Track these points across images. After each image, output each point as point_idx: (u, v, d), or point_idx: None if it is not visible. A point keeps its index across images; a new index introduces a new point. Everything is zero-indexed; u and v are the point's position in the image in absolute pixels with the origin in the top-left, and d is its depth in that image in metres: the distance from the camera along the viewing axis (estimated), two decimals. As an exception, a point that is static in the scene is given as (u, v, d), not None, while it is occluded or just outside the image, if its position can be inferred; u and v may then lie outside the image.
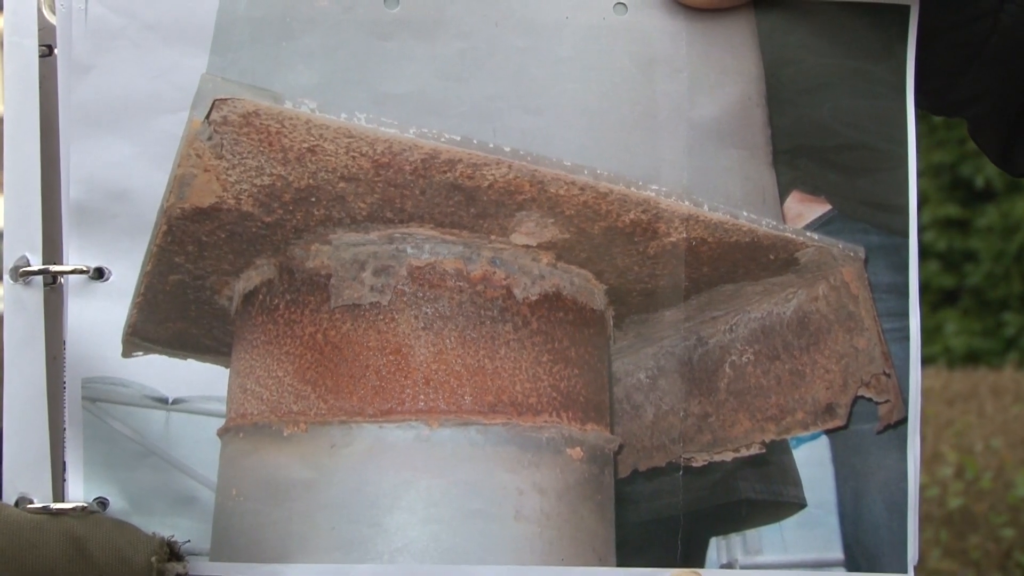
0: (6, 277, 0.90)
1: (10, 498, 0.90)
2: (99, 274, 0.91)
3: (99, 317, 0.91)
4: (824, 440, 0.96)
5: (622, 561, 0.94)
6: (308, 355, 0.92)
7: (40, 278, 0.91)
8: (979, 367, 9.93)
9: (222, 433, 0.92)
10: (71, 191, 0.90)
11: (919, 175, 0.96)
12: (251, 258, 0.92)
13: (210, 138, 0.89)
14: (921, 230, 0.98)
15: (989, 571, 4.58)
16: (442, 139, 0.90)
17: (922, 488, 0.97)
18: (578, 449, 0.93)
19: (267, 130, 0.89)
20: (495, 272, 0.92)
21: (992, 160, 1.03)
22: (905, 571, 0.95)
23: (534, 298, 0.93)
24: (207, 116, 0.89)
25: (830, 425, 0.96)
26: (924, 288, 0.98)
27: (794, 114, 0.95)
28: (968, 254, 12.01)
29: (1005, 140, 1.00)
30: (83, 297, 0.91)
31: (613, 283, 0.95)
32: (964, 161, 11.93)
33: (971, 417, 7.15)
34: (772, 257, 0.95)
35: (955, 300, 12.08)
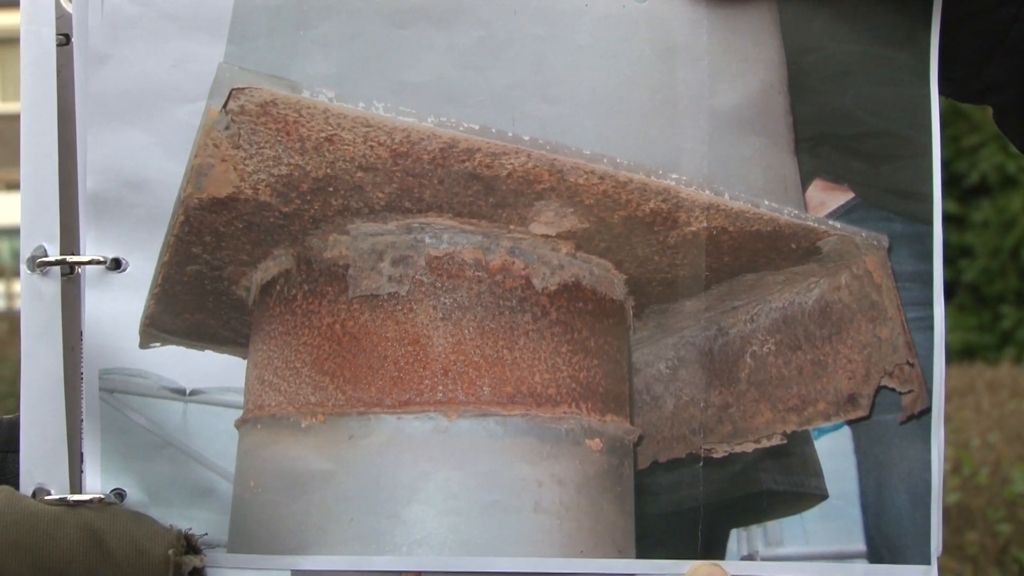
0: (23, 267, 0.90)
1: (27, 489, 0.90)
2: (116, 265, 0.90)
3: (116, 308, 0.90)
4: (846, 431, 0.95)
5: (642, 553, 0.93)
6: (326, 346, 0.91)
7: (57, 268, 0.90)
8: (975, 362, 9.94)
9: (240, 424, 0.92)
10: (88, 181, 0.90)
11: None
12: (269, 248, 0.92)
13: (227, 128, 0.88)
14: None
15: (986, 567, 4.58)
16: (460, 128, 0.90)
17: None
18: (597, 440, 0.93)
19: (285, 119, 0.88)
20: (514, 262, 0.92)
21: (1018, 147, 1.02)
22: (928, 562, 0.95)
23: (553, 288, 0.92)
24: (224, 106, 0.88)
25: (852, 416, 0.95)
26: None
27: (816, 102, 0.94)
28: (964, 249, 12.02)
29: None
30: (100, 288, 0.90)
31: (633, 273, 0.94)
32: (959, 158, 11.94)
33: (968, 412, 7.15)
34: (794, 246, 0.95)
35: (951, 295, 12.09)
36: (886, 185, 0.95)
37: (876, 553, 0.95)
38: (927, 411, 0.95)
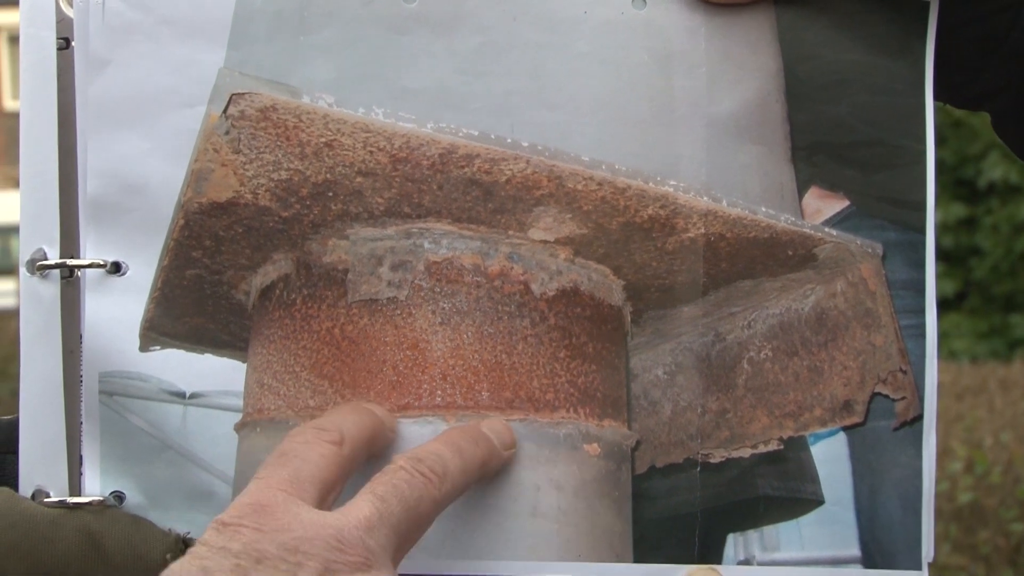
0: (23, 270, 0.90)
1: (27, 491, 0.90)
2: (116, 268, 0.91)
3: (116, 311, 0.91)
4: (842, 437, 0.96)
5: (639, 557, 0.93)
6: (325, 350, 0.91)
7: (57, 272, 0.90)
8: (988, 361, 9.91)
9: (239, 428, 0.92)
10: (88, 185, 0.90)
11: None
12: (268, 253, 0.92)
13: (227, 132, 0.89)
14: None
15: (999, 566, 4.58)
16: (460, 134, 0.90)
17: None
18: (595, 445, 0.93)
19: (284, 124, 0.89)
20: (513, 267, 0.92)
21: (1017, 154, 1.02)
22: (919, 567, 0.95)
23: (552, 294, 0.93)
24: (225, 110, 0.89)
25: (848, 422, 0.95)
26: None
27: (812, 110, 0.94)
28: (973, 249, 11.99)
29: None
30: (100, 291, 0.91)
31: (631, 279, 0.94)
32: (965, 164, 11.93)
33: (980, 411, 7.14)
34: (790, 253, 0.95)
35: (962, 300, 12.05)
36: (880, 194, 0.95)
37: (870, 558, 0.95)
38: (919, 418, 0.95)
